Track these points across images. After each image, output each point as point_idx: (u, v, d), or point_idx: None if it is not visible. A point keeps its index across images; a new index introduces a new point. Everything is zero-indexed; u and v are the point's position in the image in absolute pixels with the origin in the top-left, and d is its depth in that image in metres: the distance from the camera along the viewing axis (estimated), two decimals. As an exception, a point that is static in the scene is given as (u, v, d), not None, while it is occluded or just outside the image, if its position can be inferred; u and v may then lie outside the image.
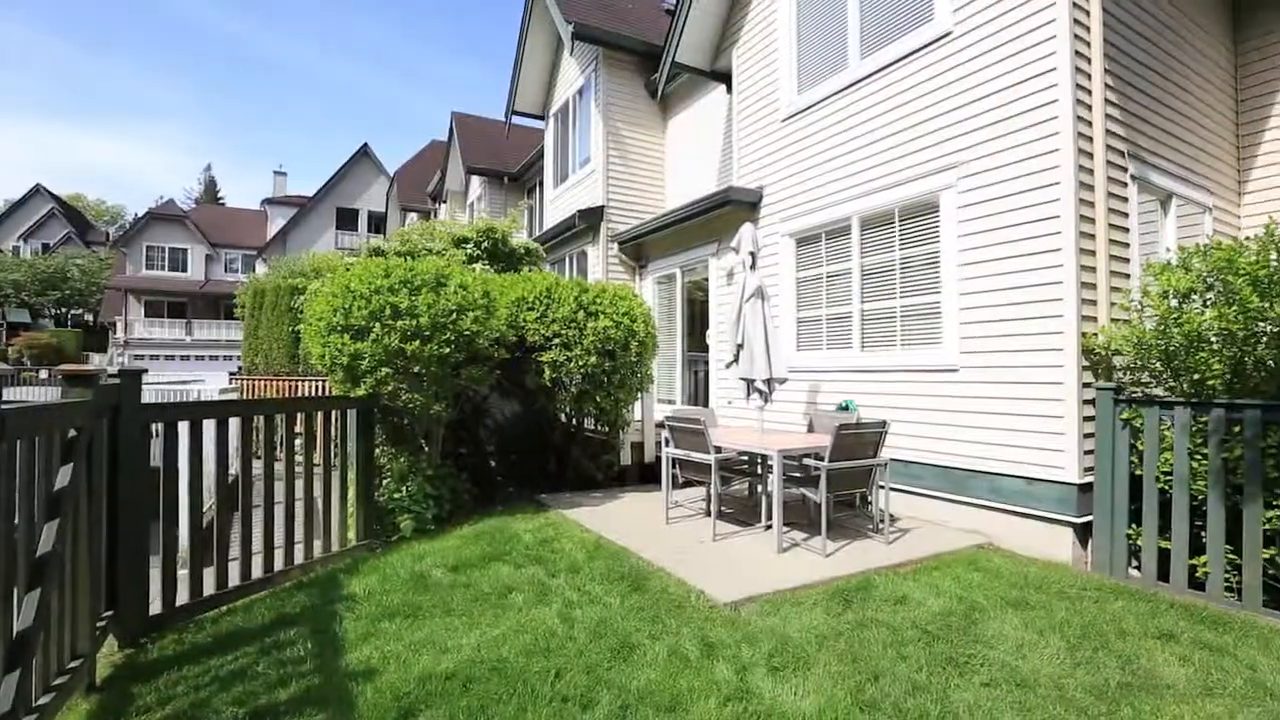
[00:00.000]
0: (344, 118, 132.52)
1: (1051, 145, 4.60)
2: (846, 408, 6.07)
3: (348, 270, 5.34)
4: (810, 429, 5.91)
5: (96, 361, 33.46)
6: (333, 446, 4.97)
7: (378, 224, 36.58)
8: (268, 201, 40.29)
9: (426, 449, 5.60)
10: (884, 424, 4.72)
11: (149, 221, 37.82)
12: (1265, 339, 3.69)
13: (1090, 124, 4.65)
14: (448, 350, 4.92)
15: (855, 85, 6.25)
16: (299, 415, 4.59)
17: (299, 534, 4.19)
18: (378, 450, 5.40)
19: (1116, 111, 4.91)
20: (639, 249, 10.10)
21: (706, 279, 8.70)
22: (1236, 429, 3.70)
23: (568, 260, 11.29)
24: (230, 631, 3.32)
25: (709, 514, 5.19)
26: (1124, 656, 3.02)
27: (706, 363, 8.88)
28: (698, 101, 10.12)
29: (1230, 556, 3.72)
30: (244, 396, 10.45)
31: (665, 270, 9.64)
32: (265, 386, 10.58)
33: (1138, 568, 4.16)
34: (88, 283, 40.93)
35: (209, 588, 3.60)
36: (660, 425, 5.85)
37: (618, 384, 6.33)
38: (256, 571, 3.89)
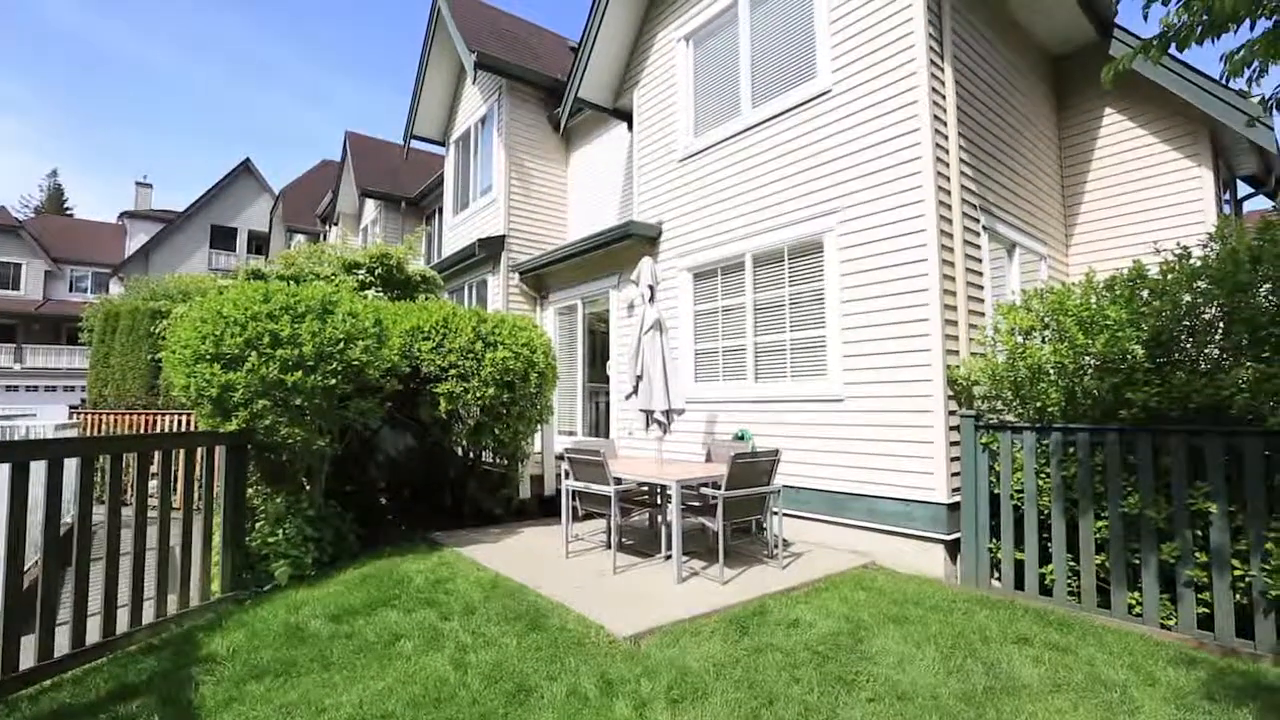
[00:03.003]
0: (224, 130, 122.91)
1: (916, 196, 5.12)
2: (742, 437, 6.29)
3: (221, 294, 4.91)
4: (708, 458, 6.06)
5: (-107, 394, 28.27)
6: (197, 487, 4.48)
7: (259, 245, 34.02)
8: (128, 215, 36.33)
9: (308, 487, 5.18)
10: (777, 452, 4.93)
11: (-28, 232, 32.87)
12: (1090, 371, 4.25)
13: (948, 179, 5.22)
14: (334, 381, 4.62)
15: (748, 131, 6.66)
16: (155, 453, 4.11)
17: (150, 589, 3.71)
18: (251, 490, 4.93)
19: (969, 170, 5.55)
20: (540, 279, 10.06)
21: (608, 310, 8.79)
22: (1071, 450, 4.21)
23: (467, 289, 11.03)
24: (53, 710, 2.86)
25: (610, 546, 5.15)
26: (988, 662, 3.29)
27: (608, 393, 8.92)
28: (600, 137, 10.35)
29: (1071, 564, 4.19)
30: (88, 433, 9.21)
31: (567, 301, 9.65)
32: (116, 421, 9.40)
33: (999, 579, 4.58)
34: (-114, 301, 34.72)
35: (27, 660, 3.08)
36: (560, 457, 5.78)
37: (517, 416, 6.21)
38: (93, 635, 3.38)
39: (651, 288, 6.06)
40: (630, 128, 8.72)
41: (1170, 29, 2.47)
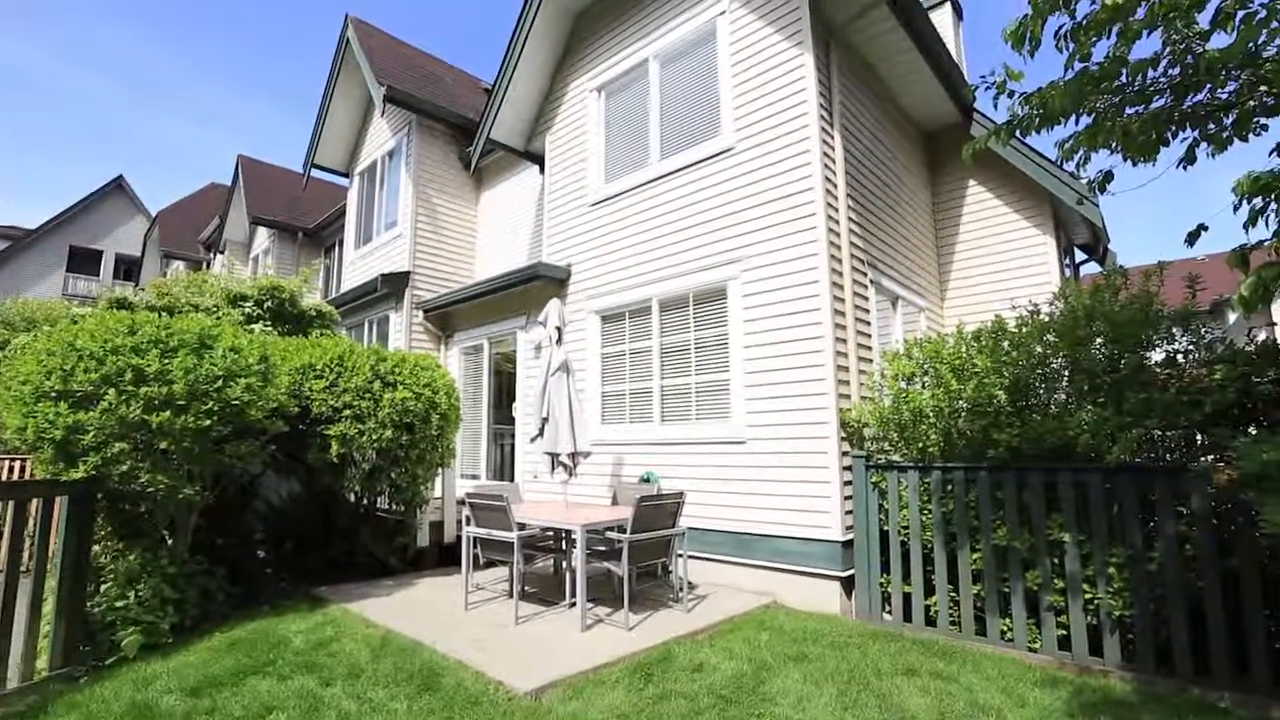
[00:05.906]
0: (96, 143, 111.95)
1: (811, 250, 5.49)
2: (648, 479, 6.31)
3: (75, 323, 4.40)
4: (614, 501, 6.02)
5: None
6: (28, 545, 3.90)
7: (129, 270, 30.84)
8: (-37, 232, 31.93)
9: (171, 541, 4.64)
10: (681, 494, 4.98)
11: None
12: (963, 414, 4.64)
13: (839, 234, 5.65)
14: (209, 422, 4.21)
15: (656, 181, 6.91)
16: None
17: (-44, 669, 3.14)
18: (99, 546, 4.36)
19: (857, 228, 6.04)
20: (446, 318, 9.80)
21: (515, 351, 8.67)
22: (949, 487, 4.55)
23: (367, 326, 10.53)
24: None
25: (512, 595, 4.95)
26: (881, 695, 3.42)
27: (513, 436, 8.70)
28: (512, 177, 10.39)
29: (952, 594, 4.48)
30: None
31: (473, 341, 9.44)
32: (-73, 469, 8.02)
33: (890, 612, 4.80)
34: None
35: None
36: (462, 502, 5.54)
37: (416, 459, 5.92)
38: (-127, 731, 2.81)
39: (559, 329, 6.06)
40: (542, 170, 8.82)
41: (1016, 118, 2.86)
